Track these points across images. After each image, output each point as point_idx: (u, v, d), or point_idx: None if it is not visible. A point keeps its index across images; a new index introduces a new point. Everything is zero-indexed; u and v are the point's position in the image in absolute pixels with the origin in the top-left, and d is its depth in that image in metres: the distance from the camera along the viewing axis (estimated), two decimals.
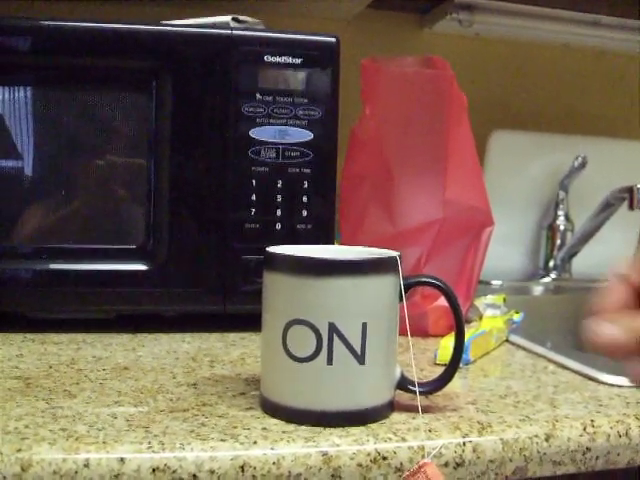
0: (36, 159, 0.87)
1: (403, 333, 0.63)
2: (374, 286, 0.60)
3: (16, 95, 0.85)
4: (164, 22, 0.90)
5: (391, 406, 0.63)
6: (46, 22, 0.85)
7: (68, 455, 0.51)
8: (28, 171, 0.87)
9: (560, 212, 1.48)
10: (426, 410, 0.63)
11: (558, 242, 1.48)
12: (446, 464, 0.57)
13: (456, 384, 0.77)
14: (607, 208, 1.37)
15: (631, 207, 1.31)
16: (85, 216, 0.88)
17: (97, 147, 0.87)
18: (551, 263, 1.49)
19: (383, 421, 0.60)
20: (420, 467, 0.55)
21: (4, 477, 0.49)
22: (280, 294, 0.60)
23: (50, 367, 0.73)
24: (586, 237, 1.43)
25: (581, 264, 1.48)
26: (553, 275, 1.48)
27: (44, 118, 0.86)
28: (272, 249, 0.63)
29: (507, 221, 1.44)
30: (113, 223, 0.89)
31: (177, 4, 1.22)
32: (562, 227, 1.48)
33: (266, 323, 0.61)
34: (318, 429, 0.57)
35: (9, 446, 0.51)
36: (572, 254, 1.47)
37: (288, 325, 0.59)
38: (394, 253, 0.62)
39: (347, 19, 1.38)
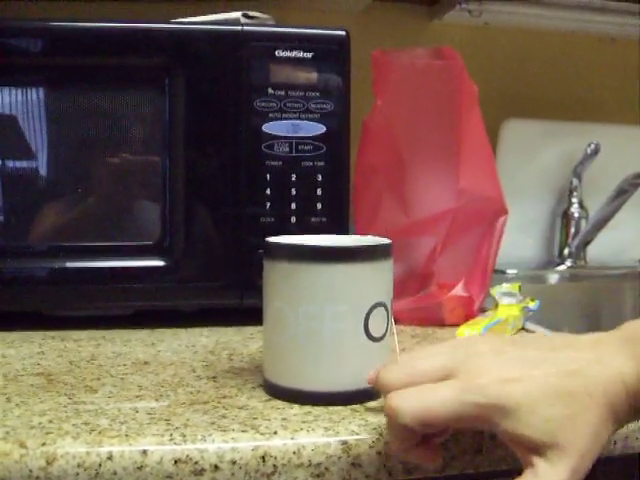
0: (51, 158, 0.88)
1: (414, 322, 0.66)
2: None
3: (29, 96, 0.86)
4: (175, 20, 0.90)
5: None
6: (57, 23, 0.86)
7: (92, 448, 0.52)
8: (43, 171, 0.88)
9: (574, 199, 1.48)
10: None
11: (572, 230, 1.48)
12: (464, 451, 0.58)
13: None
14: (621, 194, 1.37)
15: None
16: (101, 214, 0.89)
17: (112, 145, 0.88)
18: (566, 251, 1.49)
19: None
20: None
21: (30, 470, 0.50)
22: (361, 282, 0.62)
23: (71, 363, 0.73)
24: (600, 224, 1.43)
25: (596, 251, 1.48)
26: (568, 263, 1.48)
27: (58, 118, 0.87)
28: (329, 242, 0.66)
29: (521, 210, 1.44)
30: (129, 220, 0.90)
31: (188, 2, 1.22)
32: (576, 214, 1.48)
33: (340, 315, 0.61)
34: (337, 418, 0.58)
35: (34, 440, 0.52)
36: (587, 241, 1.47)
37: (371, 309, 0.62)
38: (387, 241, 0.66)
39: (357, 11, 1.39)
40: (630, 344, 0.52)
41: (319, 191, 0.90)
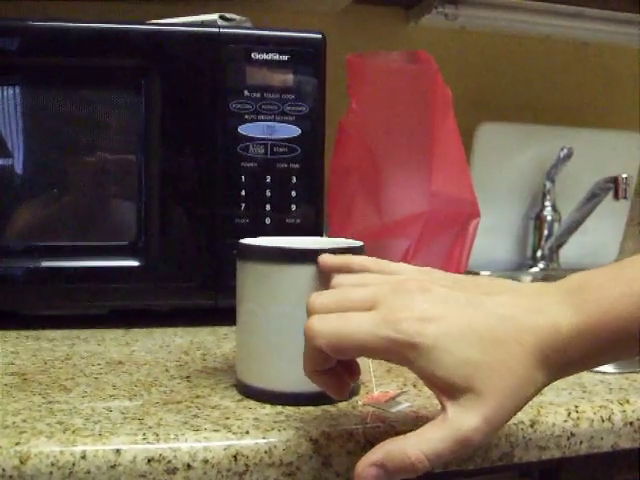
0: (27, 157, 0.88)
1: None
2: None
3: (5, 94, 0.86)
4: (152, 21, 0.91)
5: None
6: (34, 22, 0.86)
7: (65, 447, 0.52)
8: (19, 169, 0.87)
9: (547, 203, 1.49)
10: (413, 400, 0.65)
11: (545, 232, 1.50)
12: None
13: None
14: (593, 198, 1.39)
15: (616, 197, 1.33)
16: (76, 213, 0.89)
17: (88, 145, 0.88)
18: (539, 253, 1.50)
19: (371, 409, 0.62)
20: None
21: (3, 470, 0.50)
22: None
23: (45, 363, 0.74)
24: (573, 227, 1.45)
25: (569, 254, 1.50)
26: (541, 265, 1.50)
27: (34, 117, 0.87)
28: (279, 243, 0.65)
29: (495, 212, 1.46)
30: (104, 220, 0.90)
31: (165, 3, 1.22)
32: (549, 217, 1.49)
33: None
34: (308, 418, 0.59)
35: (7, 440, 0.52)
36: (559, 244, 1.48)
37: None
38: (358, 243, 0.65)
39: (333, 14, 1.39)
40: (572, 295, 0.50)
41: (294, 193, 0.91)
